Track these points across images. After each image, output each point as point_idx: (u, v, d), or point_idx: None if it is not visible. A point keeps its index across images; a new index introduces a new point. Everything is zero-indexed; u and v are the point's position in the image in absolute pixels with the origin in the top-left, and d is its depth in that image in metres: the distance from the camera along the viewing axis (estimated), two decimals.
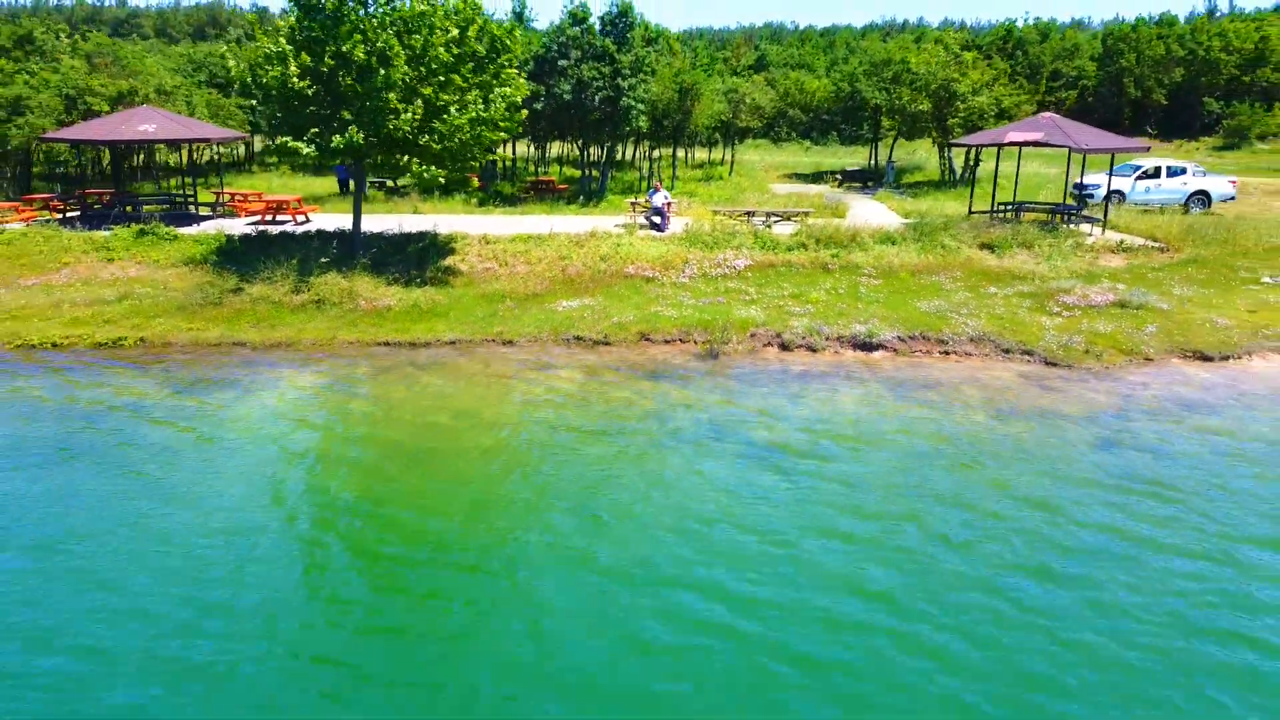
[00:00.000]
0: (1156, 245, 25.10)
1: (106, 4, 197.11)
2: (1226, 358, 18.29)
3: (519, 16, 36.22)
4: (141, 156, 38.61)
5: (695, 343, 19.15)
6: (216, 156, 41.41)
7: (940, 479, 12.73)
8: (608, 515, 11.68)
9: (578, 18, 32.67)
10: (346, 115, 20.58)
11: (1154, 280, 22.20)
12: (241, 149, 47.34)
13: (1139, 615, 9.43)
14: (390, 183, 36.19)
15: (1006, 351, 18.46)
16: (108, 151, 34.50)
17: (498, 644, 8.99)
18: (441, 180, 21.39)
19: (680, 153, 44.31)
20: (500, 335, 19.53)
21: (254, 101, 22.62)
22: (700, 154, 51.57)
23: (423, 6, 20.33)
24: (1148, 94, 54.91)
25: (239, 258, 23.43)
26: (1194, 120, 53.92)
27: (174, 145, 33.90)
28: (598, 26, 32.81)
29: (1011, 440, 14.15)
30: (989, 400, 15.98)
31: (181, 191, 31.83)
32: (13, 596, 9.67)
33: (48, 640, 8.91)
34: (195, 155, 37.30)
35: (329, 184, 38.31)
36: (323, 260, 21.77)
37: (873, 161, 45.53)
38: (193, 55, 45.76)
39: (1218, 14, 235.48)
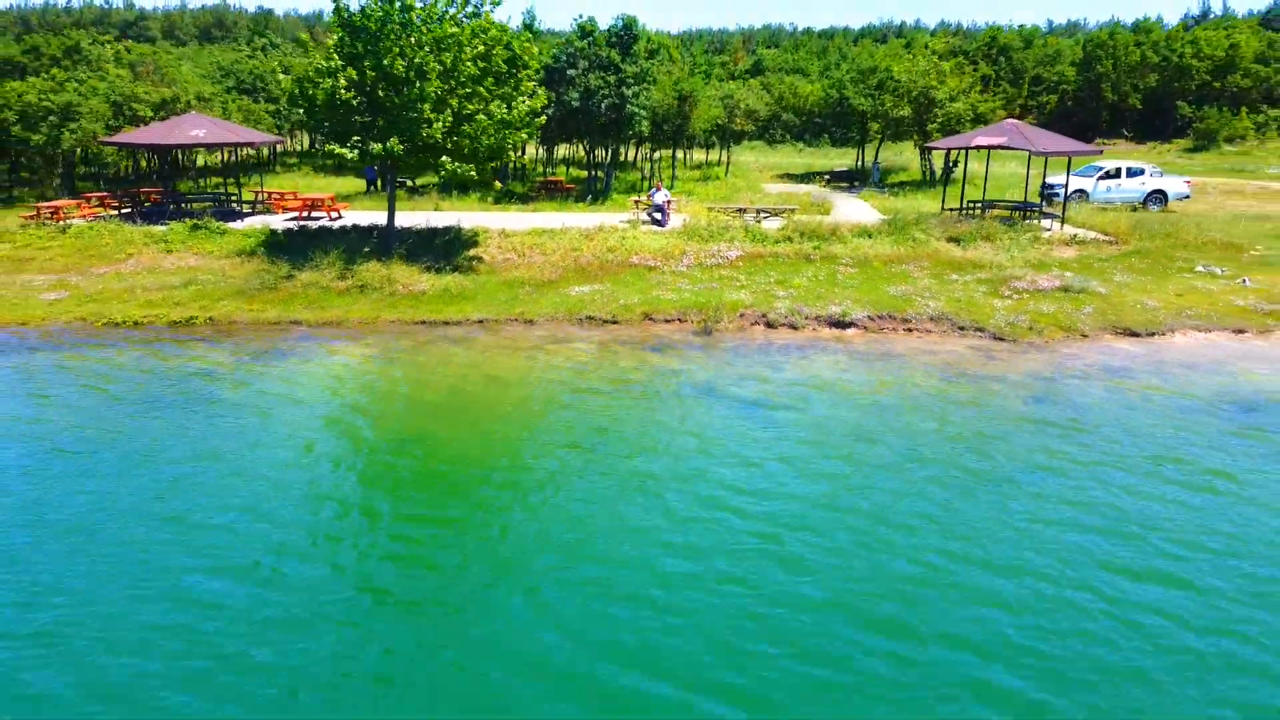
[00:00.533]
0: (1107, 238, 27.93)
1: (114, 6, 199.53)
2: (1152, 334, 21.12)
3: (529, 27, 38.98)
4: (180, 157, 41.42)
5: (692, 322, 21.97)
6: (243, 157, 44.17)
7: (894, 420, 15.57)
8: (615, 446, 14.50)
9: (585, 30, 35.49)
10: (381, 122, 23.43)
11: (1098, 269, 25.04)
12: (265, 150, 50.10)
13: (1036, 516, 12.25)
14: (410, 182, 39.02)
15: (961, 329, 21.30)
16: (150, 154, 37.29)
17: (527, 533, 11.80)
18: (473, 175, 24.21)
19: (679, 154, 47.13)
20: (521, 315, 22.35)
21: (300, 110, 25.29)
22: (698, 155, 54.35)
23: (452, 28, 23.15)
24: (1124, 98, 57.76)
25: (285, 249, 26.27)
26: (1168, 124, 56.75)
27: (211, 147, 36.66)
28: (605, 39, 35.56)
29: (956, 395, 16.99)
30: (942, 366, 18.82)
31: (224, 190, 34.65)
32: (152, 499, 12.49)
33: (181, 519, 11.73)
34: (227, 157, 40.08)
35: (350, 183, 41.11)
36: (365, 250, 24.61)
37: (859, 163, 48.33)
38: (221, 62, 48.51)
39: (1211, 15, 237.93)
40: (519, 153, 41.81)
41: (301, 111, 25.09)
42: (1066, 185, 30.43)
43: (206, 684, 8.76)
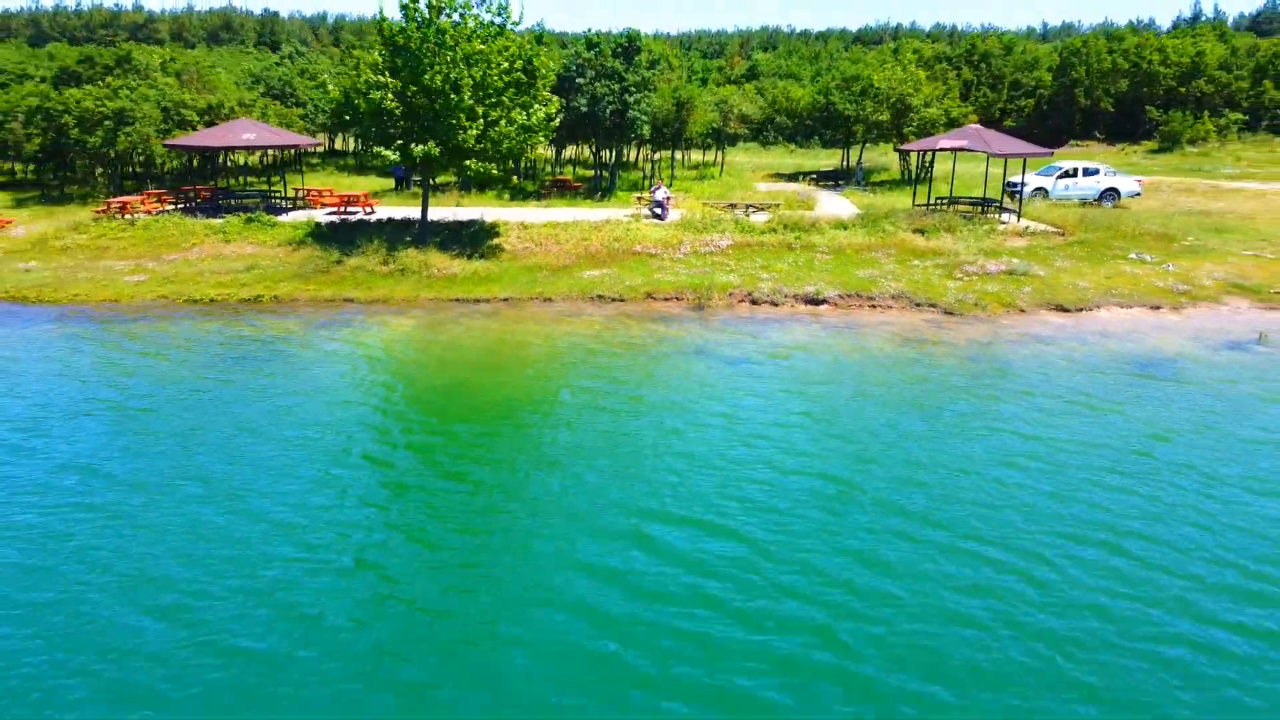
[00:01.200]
0: (1055, 230, 31.55)
1: (123, 9, 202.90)
2: (1080, 309, 24.75)
3: (539, 40, 42.55)
4: (224, 158, 44.98)
5: (688, 300, 25.58)
6: (273, 158, 47.71)
7: (853, 371, 19.20)
8: (621, 389, 18.11)
9: (592, 43, 39.10)
10: (418, 128, 27.04)
11: (1042, 256, 28.66)
12: (289, 151, 53.61)
13: (959, 427, 15.85)
14: (432, 180, 42.56)
15: (918, 305, 24.93)
16: (198, 154, 40.86)
17: (559, 441, 15.40)
18: (495, 173, 27.85)
19: (678, 155, 50.72)
20: (540, 295, 25.96)
21: (345, 116, 28.84)
22: (695, 156, 57.96)
23: (481, 46, 26.75)
24: (1096, 102, 61.39)
25: (330, 239, 29.88)
26: (1137, 126, 60.38)
27: (260, 149, 40.20)
28: (610, 50, 39.17)
29: (905, 354, 20.62)
30: (897, 334, 22.45)
31: (268, 187, 38.24)
32: (273, 420, 16.10)
33: (295, 429, 15.35)
34: (266, 158, 43.65)
35: (371, 182, 44.70)
36: (405, 239, 28.22)
37: (845, 163, 51.91)
38: (252, 70, 52.07)
39: (1203, 18, 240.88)
40: (533, 152, 45.30)
41: (346, 118, 28.60)
42: (1022, 183, 34.04)
43: (305, 534, 12.40)
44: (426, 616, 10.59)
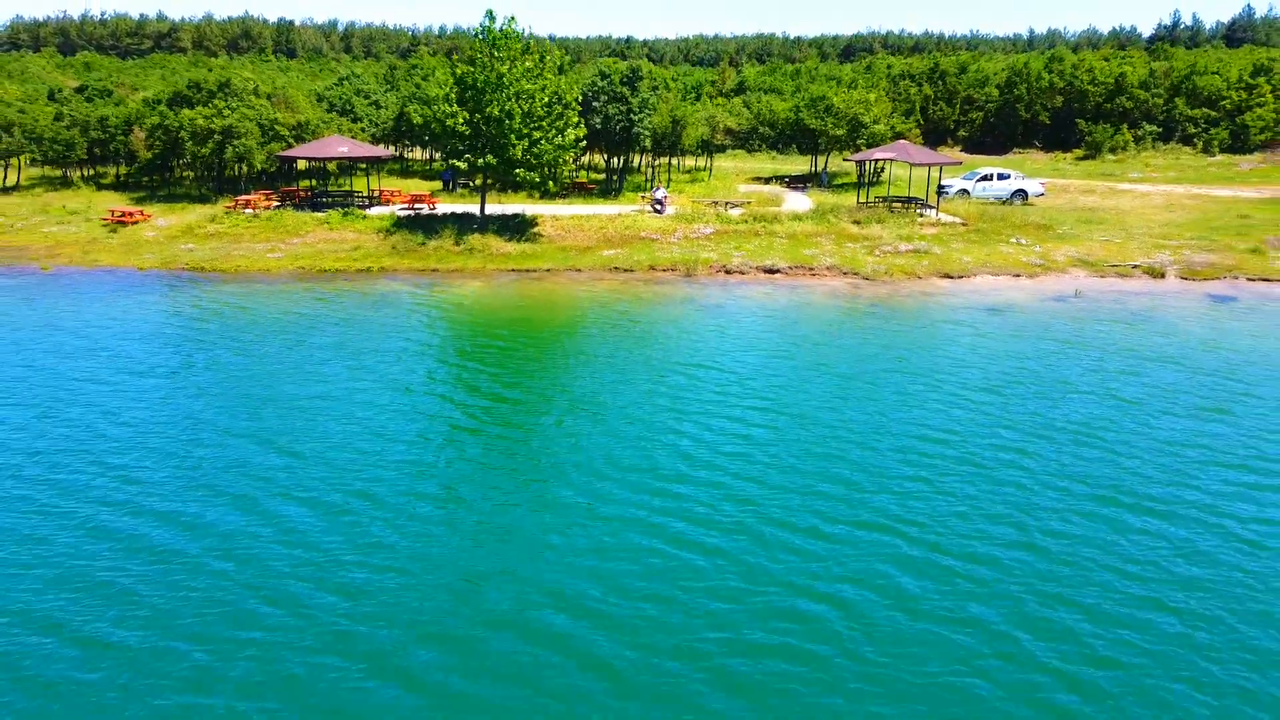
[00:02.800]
0: (960, 222, 41.23)
1: (148, 18, 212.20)
2: (961, 276, 34.45)
3: (560, 70, 52.16)
4: (306, 164, 54.48)
5: (680, 271, 35.23)
6: (338, 164, 57.18)
7: (791, 315, 28.91)
8: (630, 323, 27.79)
9: (604, 73, 48.75)
10: (479, 144, 36.72)
11: (944, 240, 38.36)
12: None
13: (855, 340, 25.51)
14: (473, 183, 52.22)
15: (844, 273, 34.64)
16: (288, 161, 50.39)
17: (588, 350, 25.03)
18: (537, 179, 37.53)
19: (674, 161, 60.28)
20: (572, 266, 35.62)
21: (403, 128, 38.41)
22: (689, 162, 67.52)
23: (529, 85, 36.42)
24: (1036, 116, 71.04)
25: (411, 227, 39.53)
26: (1070, 136, 69.97)
27: (351, 159, 49.59)
28: (619, 79, 48.77)
29: (829, 304, 30.34)
30: (826, 292, 32.16)
31: (351, 187, 47.91)
32: (404, 342, 25.78)
33: (415, 350, 25.04)
34: (341, 165, 53.17)
35: (418, 184, 54.19)
36: (472, 227, 37.94)
37: (813, 168, 61.47)
38: (317, 90, 61.63)
39: (1181, 26, 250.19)
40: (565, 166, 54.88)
41: (402, 129, 38.14)
42: (942, 185, 43.67)
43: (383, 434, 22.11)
44: (514, 461, 20.29)
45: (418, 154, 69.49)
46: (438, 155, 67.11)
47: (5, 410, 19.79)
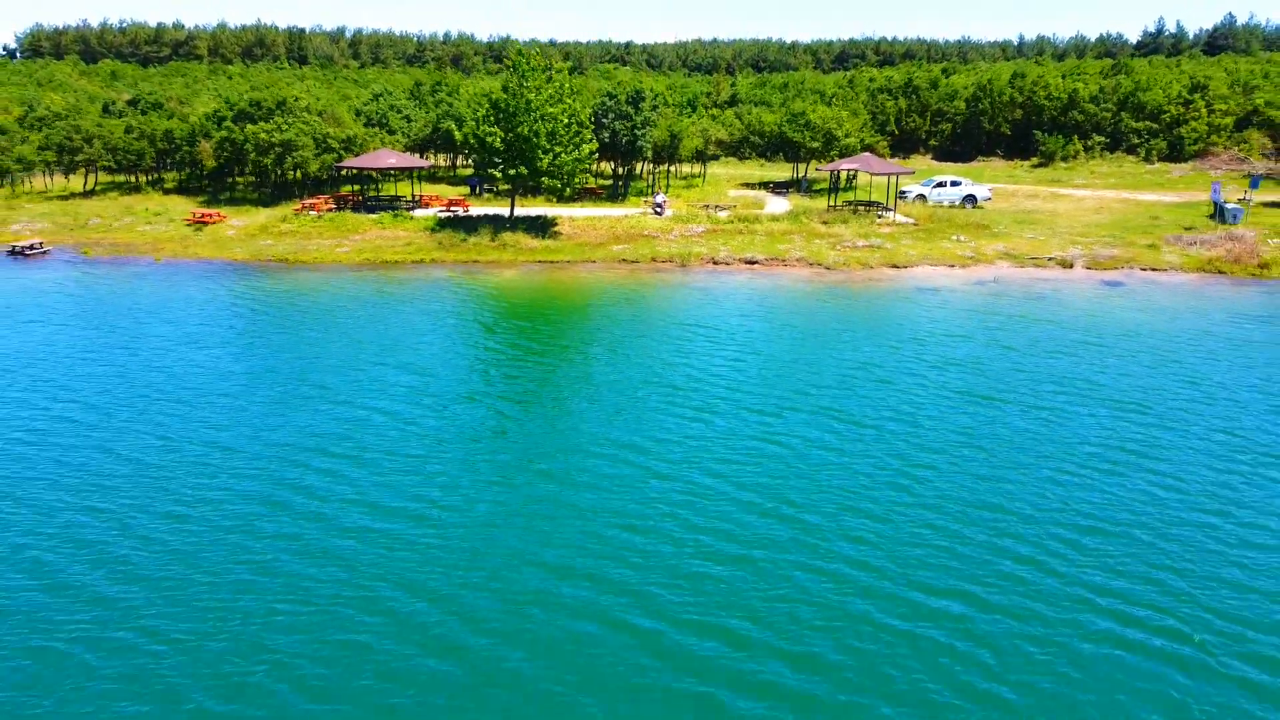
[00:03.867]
0: (913, 222, 48.97)
1: (165, 25, 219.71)
2: (906, 267, 42.21)
3: (574, 92, 59.84)
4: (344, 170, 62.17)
5: (676, 262, 42.97)
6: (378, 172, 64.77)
7: (766, 297, 36.68)
8: (640, 299, 35.53)
9: (612, 94, 56.49)
10: (511, 158, 44.43)
11: (896, 237, 46.11)
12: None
13: (814, 311, 33.25)
14: (495, 188, 59.96)
15: (811, 265, 42.40)
16: (335, 170, 58.07)
17: (602, 318, 32.77)
18: (557, 186, 45.25)
19: (673, 169, 67.89)
20: (587, 259, 43.35)
21: (466, 150, 46.12)
22: (685, 169, 75.22)
23: (553, 109, 44.14)
24: (998, 127, 78.79)
25: (450, 226, 47.23)
26: (1028, 146, 77.71)
27: (398, 170, 57.17)
28: (625, 99, 56.48)
29: (796, 288, 38.11)
30: (795, 279, 39.92)
31: (395, 192, 55.60)
32: (451, 313, 33.54)
33: (456, 319, 32.79)
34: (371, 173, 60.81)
35: (446, 189, 61.81)
36: (505, 226, 45.69)
37: (795, 174, 69.14)
38: (357, 106, 69.24)
39: (1165, 33, 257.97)
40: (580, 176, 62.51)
41: (436, 141, 45.82)
42: (900, 191, 51.35)
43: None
44: (555, 385, 28.08)
45: (441, 160, 77.19)
46: (459, 161, 75.00)
47: (201, 344, 27.54)
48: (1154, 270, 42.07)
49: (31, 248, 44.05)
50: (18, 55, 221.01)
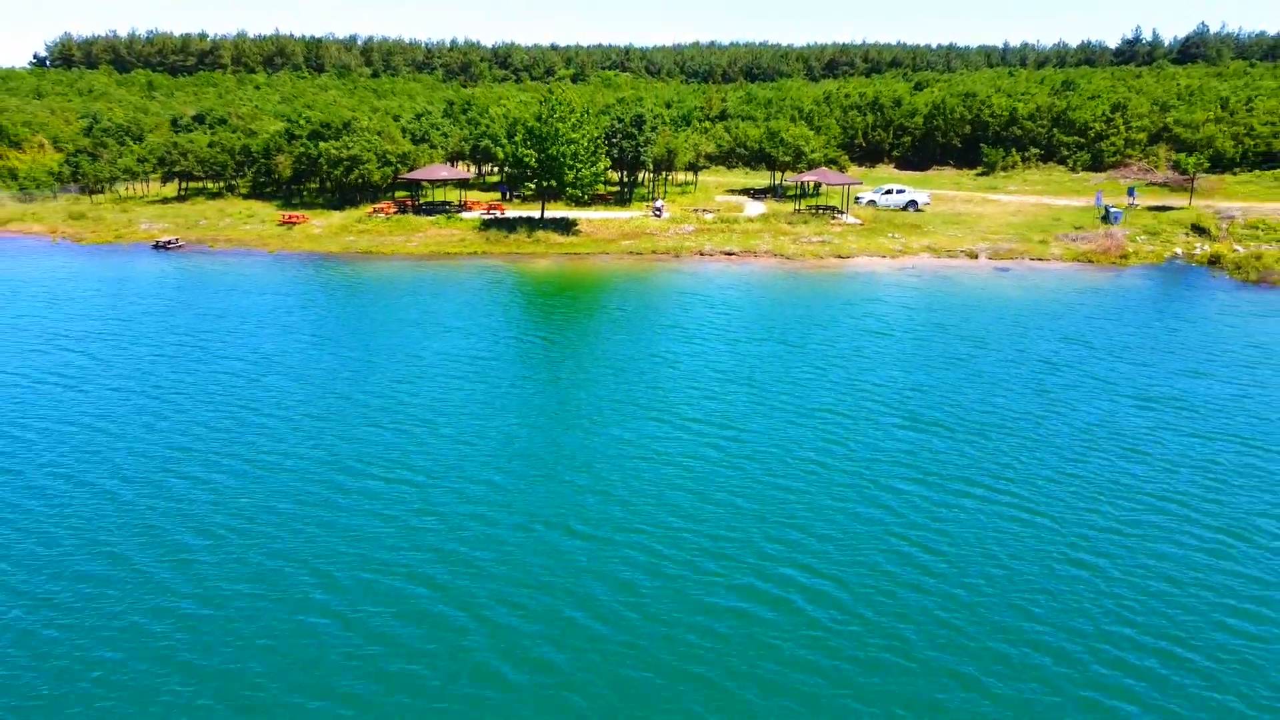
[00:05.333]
0: (860, 223, 61.48)
1: (191, 35, 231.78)
2: (848, 257, 54.80)
3: (586, 113, 72.31)
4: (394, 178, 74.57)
5: (671, 254, 55.52)
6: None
7: (741, 281, 49.28)
8: (642, 281, 48.09)
9: (619, 117, 69.03)
10: (542, 172, 57.01)
11: (844, 235, 58.64)
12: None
13: (779, 289, 45.77)
14: (521, 194, 72.50)
15: (775, 255, 55.00)
16: (393, 178, 70.58)
17: (613, 293, 45.27)
18: (578, 194, 57.81)
19: (670, 176, 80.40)
20: (602, 252, 55.89)
21: (508, 167, 58.63)
22: (680, 177, 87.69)
23: (575, 135, 56.63)
24: (950, 140, 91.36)
25: (494, 226, 59.75)
26: (975, 157, 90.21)
27: (445, 181, 69.38)
28: (630, 122, 68.89)
29: (761, 275, 50.71)
30: (761, 266, 52.53)
31: (443, 198, 68.15)
32: (504, 291, 46.09)
33: (505, 299, 45.37)
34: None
35: (479, 194, 74.25)
36: (537, 226, 58.29)
37: (773, 182, 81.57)
38: (405, 126, 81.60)
39: (1141, 41, 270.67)
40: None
41: (471, 154, 58.40)
42: (857, 197, 63.85)
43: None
44: (581, 344, 40.72)
45: (470, 169, 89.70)
46: (486, 169, 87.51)
47: (346, 301, 40.08)
48: (1039, 260, 54.65)
49: (170, 243, 56.54)
50: (48, 64, 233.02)
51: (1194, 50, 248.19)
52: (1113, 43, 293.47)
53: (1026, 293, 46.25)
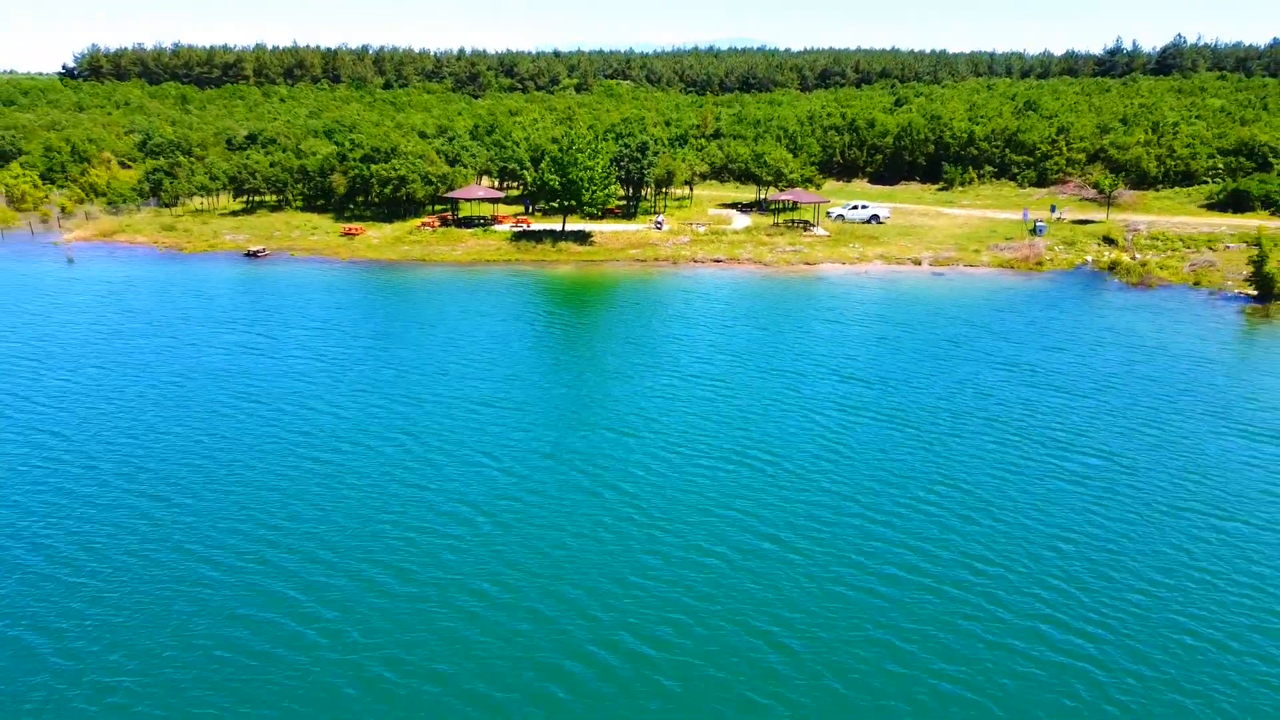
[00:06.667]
0: (828, 235, 73.72)
1: (215, 47, 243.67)
2: (815, 265, 67.11)
3: (599, 138, 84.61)
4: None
5: (669, 261, 67.79)
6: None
7: (726, 282, 61.60)
8: (644, 283, 60.36)
9: (628, 145, 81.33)
10: (563, 192, 69.27)
11: (813, 245, 70.88)
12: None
13: (757, 289, 58.02)
14: (540, 209, 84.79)
15: (755, 262, 67.31)
16: (436, 194, 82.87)
17: (620, 292, 57.52)
18: (595, 210, 70.11)
19: (670, 191, 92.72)
20: (613, 259, 68.15)
21: (533, 188, 70.89)
22: (678, 192, 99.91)
23: (591, 163, 68.86)
24: (916, 159, 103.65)
25: (523, 237, 72.03)
26: (939, 174, 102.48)
27: (483, 199, 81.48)
28: (635, 147, 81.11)
29: (743, 275, 63.03)
30: (743, 271, 64.85)
31: (476, 212, 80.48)
32: (541, 295, 58.38)
33: (537, 296, 57.69)
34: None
35: (503, 207, 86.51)
36: (560, 237, 70.62)
37: (759, 197, 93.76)
38: (439, 148, 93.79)
39: (1122, 51, 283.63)
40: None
41: (494, 173, 70.72)
42: (828, 212, 76.14)
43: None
44: (598, 329, 53.08)
45: (494, 182, 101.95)
46: (506, 184, 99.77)
47: (424, 296, 52.36)
48: (971, 266, 66.95)
49: (259, 251, 68.72)
50: (76, 74, 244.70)
51: (1170, 61, 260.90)
52: (1096, 49, 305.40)
53: (952, 292, 58.54)
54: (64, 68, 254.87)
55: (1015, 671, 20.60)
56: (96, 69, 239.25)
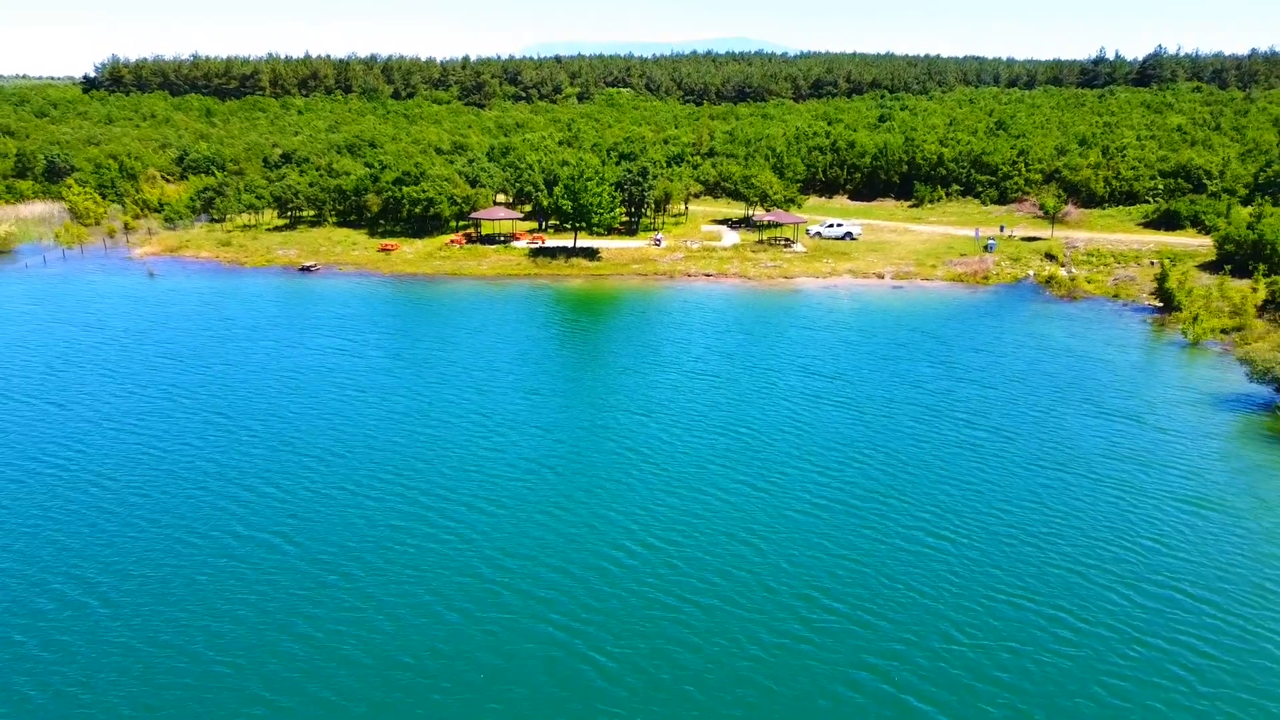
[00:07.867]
0: (805, 251, 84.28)
1: (235, 58, 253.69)
2: (792, 278, 77.74)
3: (602, 163, 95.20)
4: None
5: (667, 275, 78.37)
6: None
7: (717, 295, 72.23)
8: (645, 294, 70.95)
9: (629, 169, 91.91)
10: (575, 213, 79.89)
11: (792, 261, 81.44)
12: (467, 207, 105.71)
13: (743, 301, 68.63)
14: (551, 227, 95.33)
15: (740, 276, 77.92)
16: (462, 213, 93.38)
17: (626, 300, 68.10)
18: (601, 228, 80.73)
19: (667, 208, 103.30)
20: (618, 273, 78.73)
21: (549, 210, 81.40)
22: (676, 208, 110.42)
23: (598, 189, 79.42)
24: (891, 178, 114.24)
25: (539, 254, 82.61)
26: (911, 191, 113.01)
27: (500, 219, 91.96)
28: (636, 170, 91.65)
29: (730, 291, 73.66)
30: (730, 284, 75.48)
31: (495, 230, 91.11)
32: (556, 302, 69.01)
33: (550, 306, 68.36)
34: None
35: (518, 223, 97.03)
36: (573, 254, 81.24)
37: (747, 214, 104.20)
38: (461, 169, 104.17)
39: (1105, 61, 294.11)
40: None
41: (509, 192, 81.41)
42: (808, 230, 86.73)
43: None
44: (608, 330, 63.78)
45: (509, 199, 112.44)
46: (514, 198, 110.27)
47: (465, 304, 63.06)
48: (926, 280, 77.55)
49: (312, 266, 79.24)
50: (98, 84, 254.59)
51: (1150, 72, 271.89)
52: (1086, 54, 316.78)
53: (908, 304, 69.17)
54: (85, 77, 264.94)
55: (896, 555, 31.47)
56: (118, 79, 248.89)
